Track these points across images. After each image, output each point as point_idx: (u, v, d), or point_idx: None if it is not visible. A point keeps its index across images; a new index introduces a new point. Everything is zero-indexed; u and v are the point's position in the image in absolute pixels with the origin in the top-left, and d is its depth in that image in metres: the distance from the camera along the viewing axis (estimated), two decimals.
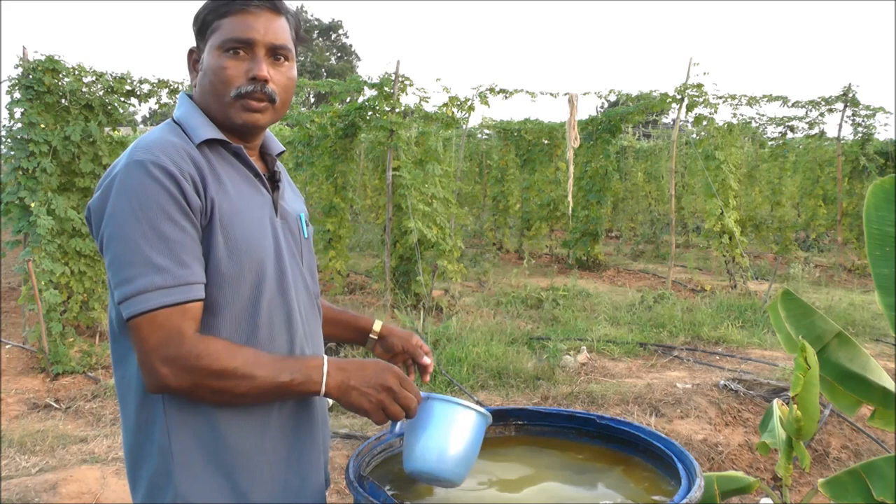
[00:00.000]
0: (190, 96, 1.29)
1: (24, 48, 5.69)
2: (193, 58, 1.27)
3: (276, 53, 1.23)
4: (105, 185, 1.14)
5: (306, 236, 1.35)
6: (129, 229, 1.09)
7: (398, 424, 1.23)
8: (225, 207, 1.16)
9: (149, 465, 1.18)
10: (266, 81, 1.21)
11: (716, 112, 8.71)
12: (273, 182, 1.31)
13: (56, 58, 5.72)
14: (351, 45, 47.11)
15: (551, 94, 8.93)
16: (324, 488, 1.36)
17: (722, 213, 8.15)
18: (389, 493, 1.22)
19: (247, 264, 1.18)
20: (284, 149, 1.40)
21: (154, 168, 1.10)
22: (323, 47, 46.51)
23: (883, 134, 10.72)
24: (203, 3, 1.26)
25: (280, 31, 1.24)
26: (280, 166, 1.37)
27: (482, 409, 1.25)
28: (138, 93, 6.26)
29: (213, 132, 1.21)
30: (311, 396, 1.18)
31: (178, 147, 1.15)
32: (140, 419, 1.19)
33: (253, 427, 1.20)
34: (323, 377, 1.15)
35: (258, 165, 1.30)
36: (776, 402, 2.00)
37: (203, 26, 1.24)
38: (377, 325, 1.52)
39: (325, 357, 1.18)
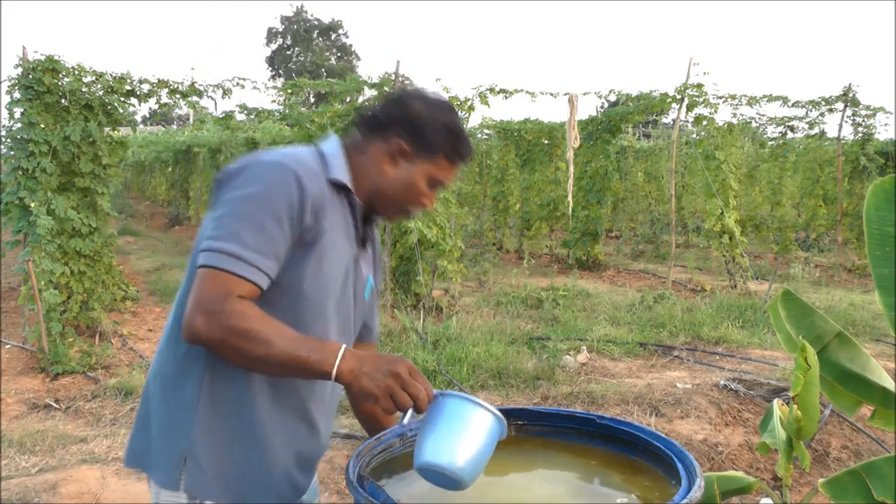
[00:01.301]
0: (342, 141, 1.43)
1: (24, 48, 5.69)
2: (397, 147, 1.39)
3: None
4: (248, 164, 1.29)
5: (366, 298, 1.50)
6: (246, 207, 1.23)
7: (407, 416, 1.22)
8: (327, 239, 1.31)
9: (173, 405, 1.32)
10: None
11: (716, 112, 8.71)
12: (362, 242, 1.47)
13: (56, 58, 5.71)
14: (351, 45, 47.12)
15: (551, 94, 8.92)
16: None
17: (722, 213, 8.15)
18: (388, 493, 1.22)
19: (321, 290, 1.34)
20: (380, 221, 1.58)
21: (293, 178, 1.26)
22: (323, 47, 46.50)
23: (883, 134, 10.72)
24: (439, 121, 1.40)
25: None
26: (375, 234, 1.56)
27: (498, 413, 1.23)
28: (138, 93, 6.25)
29: (347, 180, 1.38)
30: (323, 378, 1.21)
31: (317, 174, 1.31)
32: (181, 365, 1.32)
33: (274, 411, 1.34)
34: (337, 359, 1.20)
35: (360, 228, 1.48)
36: (776, 402, 2.00)
37: (430, 145, 1.39)
38: None
39: (343, 344, 1.24)
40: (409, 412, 1.22)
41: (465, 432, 1.21)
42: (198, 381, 1.31)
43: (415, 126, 1.38)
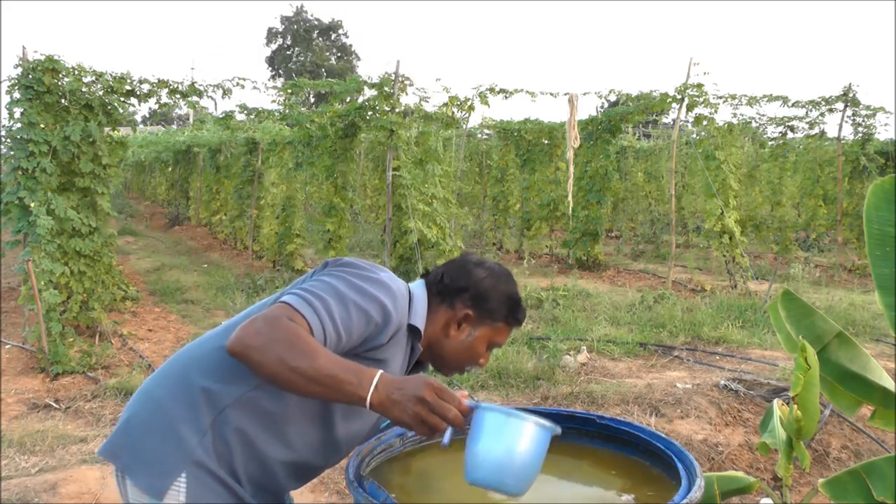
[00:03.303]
0: (429, 292, 1.54)
1: (23, 48, 5.68)
2: (463, 316, 1.51)
3: None
4: (370, 268, 1.42)
5: (381, 427, 1.59)
6: (345, 289, 1.34)
7: (446, 436, 1.21)
8: (390, 367, 1.42)
9: (169, 418, 1.35)
10: None
11: (716, 112, 8.70)
12: None
13: (56, 58, 5.71)
14: (351, 45, 47.10)
15: (551, 94, 8.92)
16: None
17: (722, 213, 8.15)
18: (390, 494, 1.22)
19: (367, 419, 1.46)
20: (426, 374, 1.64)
21: (391, 299, 1.38)
22: (323, 47, 46.48)
23: (883, 134, 10.71)
24: (503, 292, 1.53)
25: None
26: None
27: (541, 420, 1.21)
28: (138, 93, 6.24)
29: (421, 326, 1.48)
30: (355, 403, 1.22)
31: (404, 311, 1.44)
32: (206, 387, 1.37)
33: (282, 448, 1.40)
34: (371, 386, 1.21)
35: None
36: (776, 402, 2.00)
37: (493, 313, 1.52)
38: None
39: (380, 371, 1.24)
40: (448, 431, 1.21)
41: (510, 449, 1.19)
42: (218, 410, 1.35)
43: (480, 296, 1.51)
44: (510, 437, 1.19)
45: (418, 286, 1.53)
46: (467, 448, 1.22)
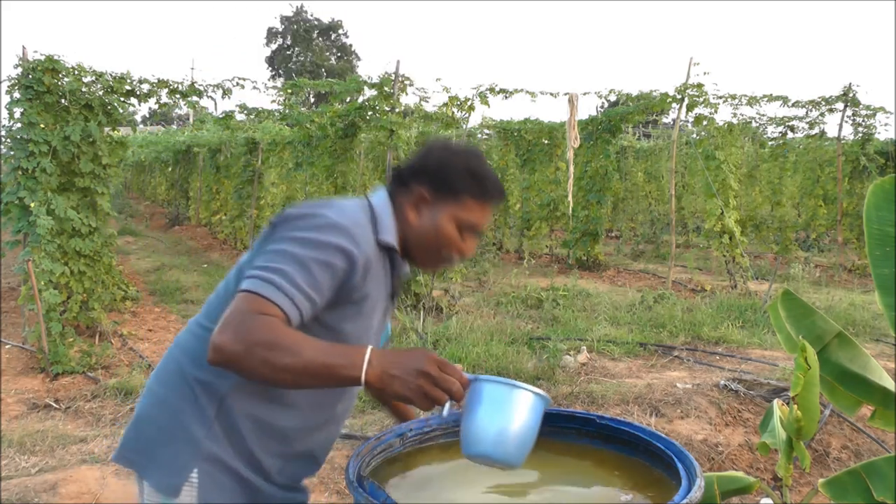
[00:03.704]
0: (390, 193, 1.46)
1: (23, 48, 5.68)
2: (418, 195, 1.42)
3: None
4: (309, 213, 1.32)
5: (381, 343, 1.54)
6: (299, 247, 1.27)
7: (445, 408, 1.21)
8: (371, 299, 1.38)
9: (185, 425, 1.34)
10: None
11: (716, 112, 8.70)
12: (392, 297, 1.51)
13: (56, 58, 5.71)
14: (351, 45, 47.10)
15: (551, 94, 8.91)
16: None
17: (722, 213, 8.15)
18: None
19: (362, 339, 1.40)
20: (410, 273, 1.60)
21: (346, 237, 1.30)
22: (323, 47, 46.49)
23: (883, 134, 10.70)
24: (460, 165, 1.41)
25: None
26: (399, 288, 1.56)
27: (535, 389, 1.23)
28: (138, 93, 6.25)
29: (394, 241, 1.41)
30: (352, 384, 1.21)
31: (369, 236, 1.36)
32: (200, 378, 1.35)
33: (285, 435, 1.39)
34: (364, 364, 1.19)
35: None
36: (776, 403, 2.00)
37: (453, 188, 1.41)
38: None
39: (370, 347, 1.22)
40: (448, 404, 1.21)
41: (510, 419, 1.20)
42: (218, 399, 1.34)
43: (435, 172, 1.42)
44: (510, 407, 1.20)
45: (379, 196, 1.46)
46: (466, 421, 1.22)
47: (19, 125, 5.59)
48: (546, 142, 11.64)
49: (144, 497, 1.36)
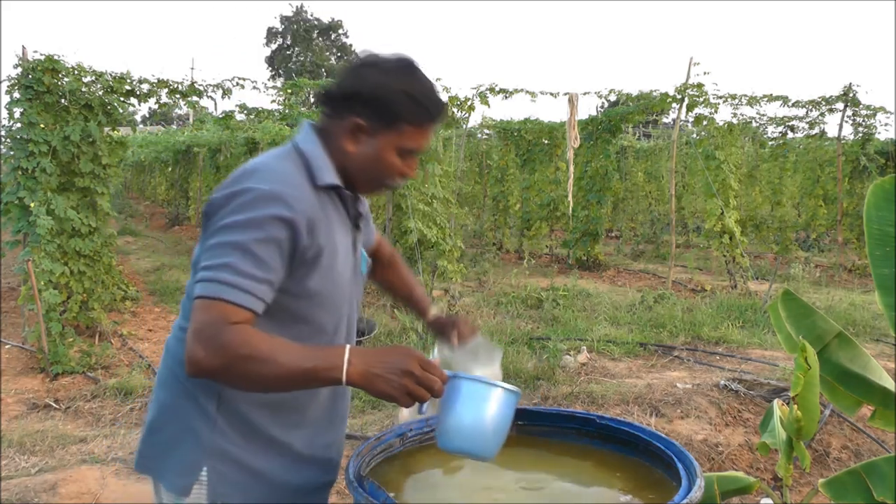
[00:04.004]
0: (314, 128, 1.39)
1: (23, 48, 5.68)
2: (355, 125, 1.33)
3: None
4: (238, 189, 1.26)
5: (363, 272, 1.51)
6: (235, 234, 1.22)
7: (425, 405, 1.25)
8: (328, 251, 1.32)
9: (190, 426, 1.33)
10: None
11: (716, 112, 8.70)
12: (356, 224, 1.46)
13: (56, 57, 5.71)
14: (351, 45, 47.09)
15: (551, 94, 8.91)
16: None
17: (722, 213, 8.15)
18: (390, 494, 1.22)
19: (336, 293, 1.37)
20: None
21: (278, 202, 1.24)
22: (323, 47, 46.49)
23: (883, 134, 10.66)
24: (396, 89, 1.31)
25: None
26: (364, 204, 1.52)
27: (509, 386, 1.27)
28: (138, 93, 6.24)
29: (334, 178, 1.35)
30: (334, 384, 1.21)
31: (302, 187, 1.29)
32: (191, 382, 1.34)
33: (285, 421, 1.37)
34: (344, 364, 1.19)
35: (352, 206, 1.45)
36: (776, 403, 2.00)
37: (390, 115, 1.32)
38: (430, 314, 1.75)
39: (348, 346, 1.22)
40: (428, 401, 1.24)
41: (477, 412, 1.25)
42: (215, 394, 1.33)
43: (370, 100, 1.31)
44: (485, 404, 1.25)
45: (305, 136, 1.38)
46: (444, 416, 1.26)
47: (19, 125, 5.59)
48: (546, 142, 11.64)
49: (162, 498, 1.37)
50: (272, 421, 1.34)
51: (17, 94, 5.60)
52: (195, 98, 6.57)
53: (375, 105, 1.31)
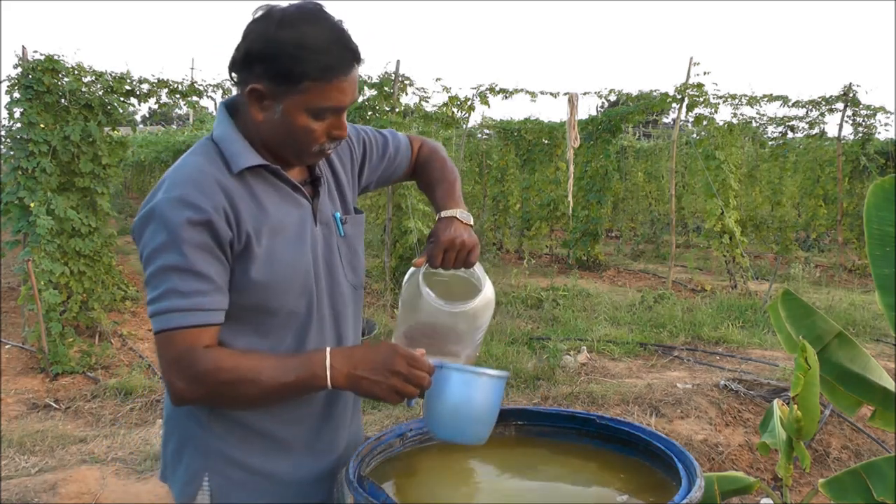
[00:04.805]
0: (228, 107, 1.28)
1: (23, 48, 5.69)
2: (253, 91, 1.19)
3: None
4: (146, 211, 1.20)
5: (342, 234, 1.38)
6: (162, 258, 1.16)
7: (414, 399, 1.25)
8: (265, 231, 1.23)
9: (189, 436, 1.32)
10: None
11: (716, 112, 8.71)
12: (316, 187, 1.35)
13: (56, 57, 5.71)
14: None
15: (551, 94, 8.92)
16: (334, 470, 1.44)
17: (722, 213, 8.15)
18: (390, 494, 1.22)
19: (290, 274, 1.26)
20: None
21: (186, 207, 1.16)
22: None
23: (883, 134, 10.65)
24: (285, 44, 1.15)
25: (357, 81, 1.24)
26: (324, 167, 1.38)
27: (496, 373, 1.27)
28: (138, 93, 6.25)
29: (252, 158, 1.24)
30: (321, 390, 1.20)
31: (211, 179, 1.20)
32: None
33: (279, 420, 1.32)
34: (326, 371, 1.17)
35: (301, 173, 1.34)
36: (776, 403, 2.00)
37: (285, 74, 1.16)
38: (441, 214, 1.45)
39: (328, 350, 1.20)
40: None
41: (466, 401, 1.25)
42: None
43: (262, 59, 1.16)
44: (473, 392, 1.26)
45: (219, 120, 1.27)
46: (432, 406, 1.27)
47: (19, 125, 5.60)
48: (546, 142, 11.64)
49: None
50: (267, 420, 1.32)
51: (17, 94, 5.61)
52: (195, 98, 6.58)
53: (269, 64, 1.16)
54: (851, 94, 9.37)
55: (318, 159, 1.30)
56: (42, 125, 5.62)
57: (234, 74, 1.22)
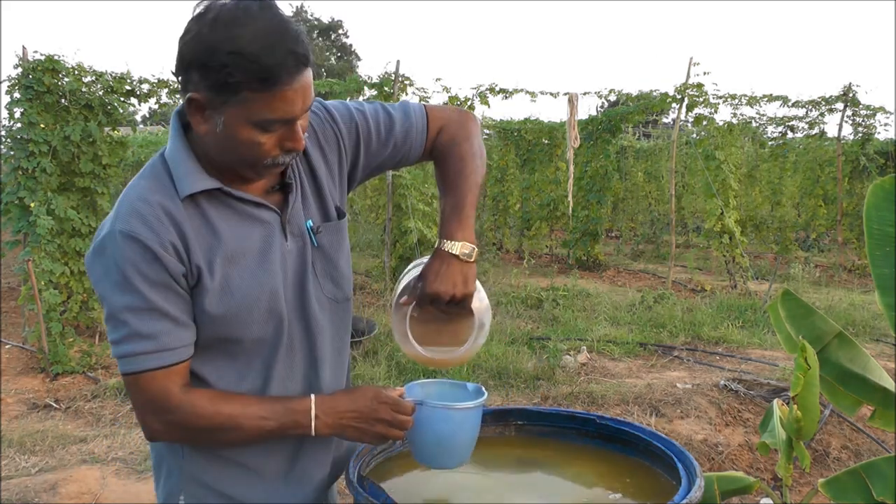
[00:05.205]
0: (181, 116, 1.15)
1: (23, 48, 5.69)
2: (191, 103, 1.06)
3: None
4: (97, 245, 1.12)
5: (316, 245, 1.24)
6: (115, 298, 1.10)
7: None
8: (219, 261, 1.14)
9: (164, 455, 1.29)
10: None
11: (716, 112, 8.71)
12: (283, 197, 1.22)
13: (56, 57, 5.72)
14: (351, 45, 47.11)
15: (551, 94, 8.92)
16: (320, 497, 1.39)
17: (722, 213, 8.15)
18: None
19: (250, 302, 1.16)
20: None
21: (132, 243, 1.08)
22: (323, 47, 46.50)
23: (883, 134, 10.66)
24: (219, 50, 1.00)
25: (310, 86, 1.09)
26: (297, 167, 1.24)
27: (474, 403, 1.29)
28: (138, 93, 6.25)
29: (200, 182, 1.12)
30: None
31: (157, 211, 1.10)
32: None
33: (256, 450, 1.26)
34: (311, 421, 1.18)
35: (268, 181, 1.21)
36: (776, 402, 2.00)
37: (221, 84, 1.02)
38: (439, 245, 1.26)
39: (313, 398, 1.20)
40: None
41: (453, 437, 1.29)
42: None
43: (196, 66, 1.03)
44: (452, 426, 1.29)
45: (171, 136, 1.15)
46: (417, 441, 1.30)
47: (19, 125, 5.60)
48: (546, 142, 11.64)
49: None
50: (237, 448, 1.24)
51: (17, 94, 5.61)
52: None
53: (203, 72, 1.02)
54: (851, 95, 9.37)
55: (275, 171, 1.16)
56: (42, 125, 5.62)
57: (179, 78, 1.09)
